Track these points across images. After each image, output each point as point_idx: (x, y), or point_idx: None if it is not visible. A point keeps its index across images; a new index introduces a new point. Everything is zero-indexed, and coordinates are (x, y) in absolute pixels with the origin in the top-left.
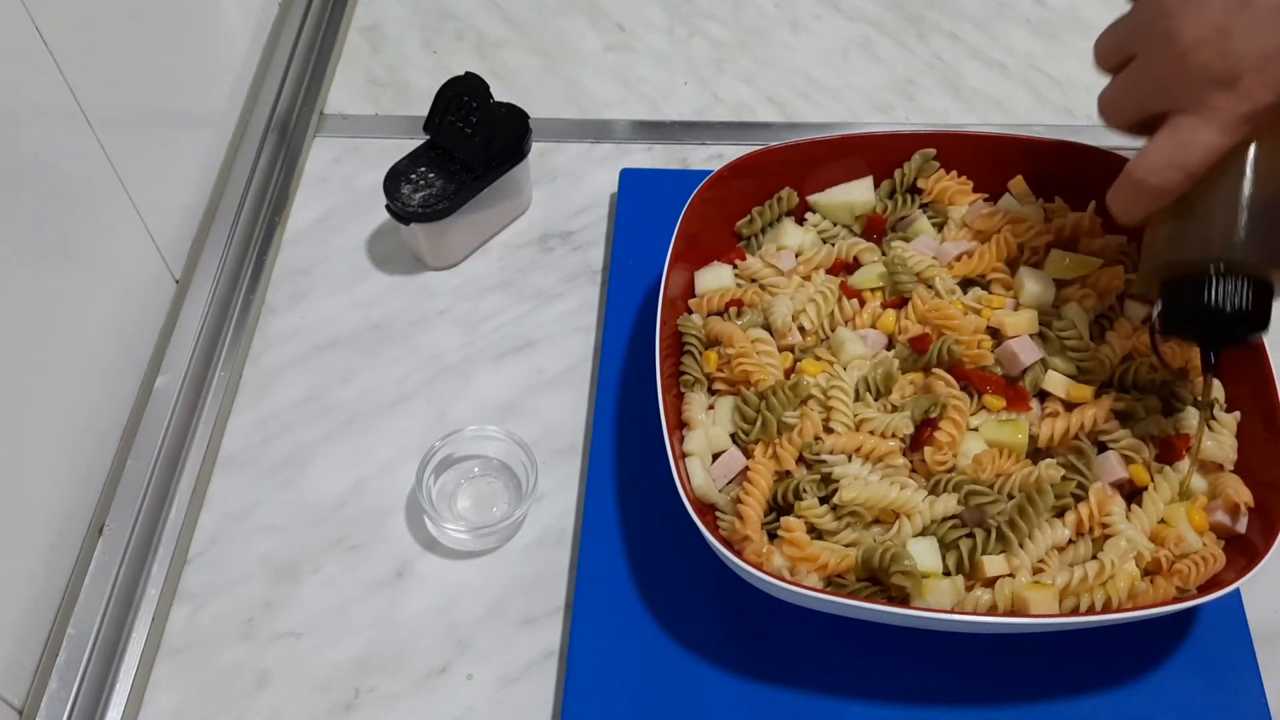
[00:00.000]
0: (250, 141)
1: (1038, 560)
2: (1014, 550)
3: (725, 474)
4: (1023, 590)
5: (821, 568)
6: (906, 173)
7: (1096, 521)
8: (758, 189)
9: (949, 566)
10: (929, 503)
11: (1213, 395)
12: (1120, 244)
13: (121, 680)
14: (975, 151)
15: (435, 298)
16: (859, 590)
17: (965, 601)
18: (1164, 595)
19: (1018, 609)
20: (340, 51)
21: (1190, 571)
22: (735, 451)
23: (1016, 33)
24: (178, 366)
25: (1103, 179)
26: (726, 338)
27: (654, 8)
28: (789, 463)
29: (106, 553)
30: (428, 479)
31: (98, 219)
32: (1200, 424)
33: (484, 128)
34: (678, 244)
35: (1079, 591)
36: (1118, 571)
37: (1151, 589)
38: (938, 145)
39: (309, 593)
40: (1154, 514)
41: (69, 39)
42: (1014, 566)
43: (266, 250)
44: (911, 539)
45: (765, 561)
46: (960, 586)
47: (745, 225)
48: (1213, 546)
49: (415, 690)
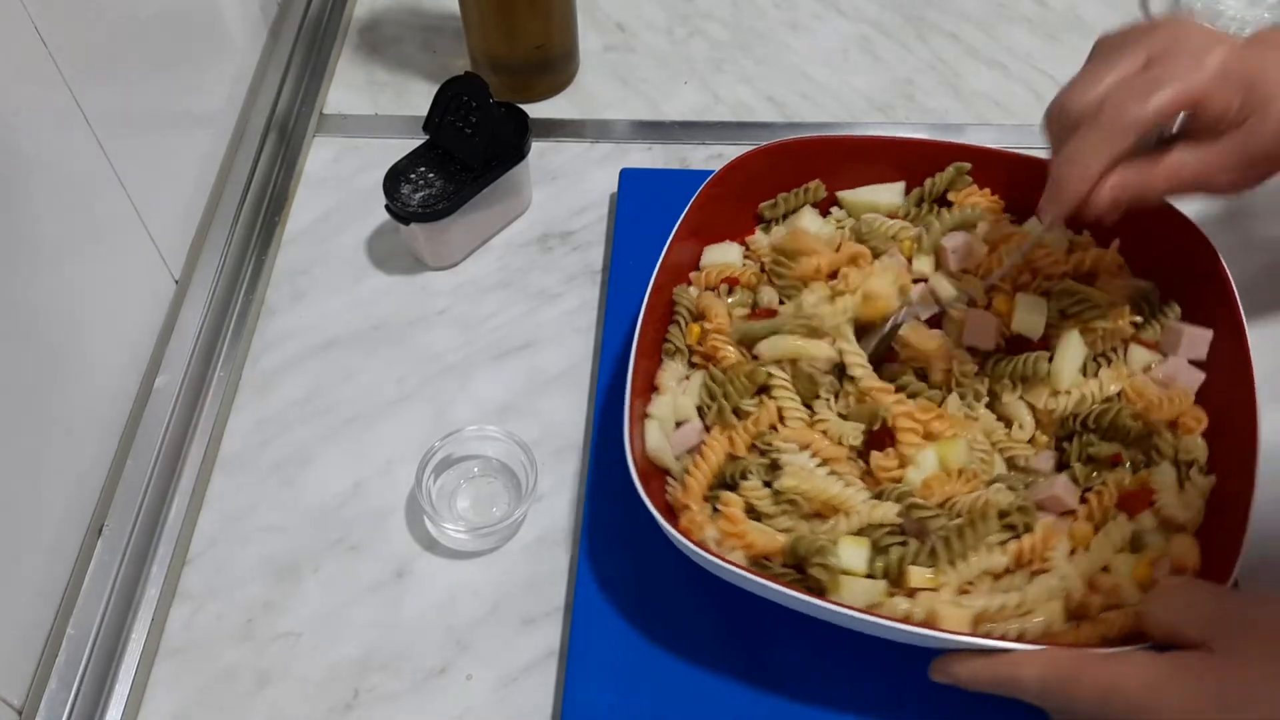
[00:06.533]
0: (250, 141)
1: (966, 581)
2: (943, 566)
3: (683, 443)
4: (939, 606)
5: (748, 546)
6: (937, 183)
7: (1038, 556)
8: (789, 175)
9: (876, 570)
10: (869, 505)
11: (1193, 455)
12: (1142, 290)
13: (121, 680)
14: (1014, 172)
15: (435, 298)
16: (779, 574)
17: (881, 605)
18: (1084, 639)
19: (929, 622)
20: (340, 51)
21: (1115, 622)
22: (697, 424)
23: (1016, 33)
24: (177, 366)
25: (1138, 224)
26: (710, 312)
27: (654, 8)
28: (740, 448)
29: (106, 553)
30: (427, 479)
31: (98, 219)
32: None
33: (484, 128)
34: (692, 214)
35: (995, 619)
36: (1039, 608)
37: (1074, 632)
38: (975, 160)
39: (309, 593)
40: (1098, 559)
41: (69, 39)
42: (940, 582)
43: (266, 250)
44: (845, 537)
45: (695, 529)
46: (881, 590)
47: (769, 208)
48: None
49: (415, 690)
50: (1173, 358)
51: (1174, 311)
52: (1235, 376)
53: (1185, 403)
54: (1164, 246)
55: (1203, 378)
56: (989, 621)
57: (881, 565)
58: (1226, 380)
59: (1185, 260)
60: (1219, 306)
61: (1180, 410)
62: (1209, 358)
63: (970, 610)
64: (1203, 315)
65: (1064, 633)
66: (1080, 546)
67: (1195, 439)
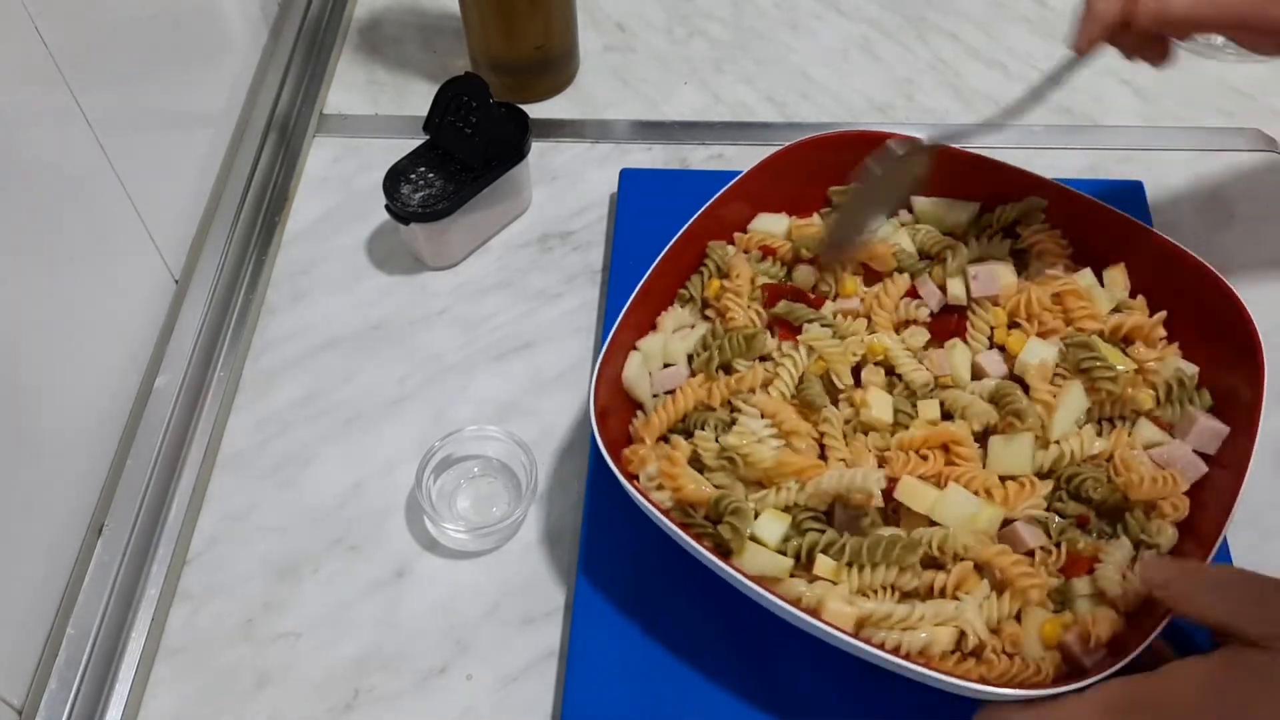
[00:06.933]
0: (250, 141)
1: (868, 585)
2: (842, 565)
3: (664, 384)
4: (830, 598)
5: (677, 489)
6: (1007, 212)
7: (949, 593)
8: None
9: (789, 549)
10: (800, 487)
11: (1158, 540)
12: (1182, 373)
13: (121, 680)
14: (1092, 219)
15: (435, 298)
16: (693, 524)
17: (780, 583)
18: (959, 671)
19: (814, 610)
20: (340, 51)
21: (996, 665)
22: (683, 370)
23: (1016, 33)
24: (177, 366)
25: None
26: (734, 272)
27: (654, 8)
28: (716, 400)
29: (106, 553)
30: (427, 479)
31: (98, 219)
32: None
33: (483, 128)
34: (753, 176)
35: (879, 624)
36: (924, 626)
37: (952, 661)
38: (1055, 198)
39: (309, 593)
40: (1010, 609)
41: (69, 39)
42: (841, 577)
43: (266, 250)
44: (770, 510)
45: (636, 463)
46: (784, 568)
47: (839, 193)
48: (1046, 661)
49: (415, 690)
50: (1180, 442)
51: (1203, 400)
52: (1229, 478)
53: (1171, 489)
54: (1212, 328)
55: (1204, 470)
56: (873, 626)
57: (795, 545)
58: (1223, 478)
59: (1228, 351)
60: (1241, 405)
61: (1163, 495)
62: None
63: (857, 611)
64: (1227, 408)
65: (942, 658)
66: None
67: (1165, 525)
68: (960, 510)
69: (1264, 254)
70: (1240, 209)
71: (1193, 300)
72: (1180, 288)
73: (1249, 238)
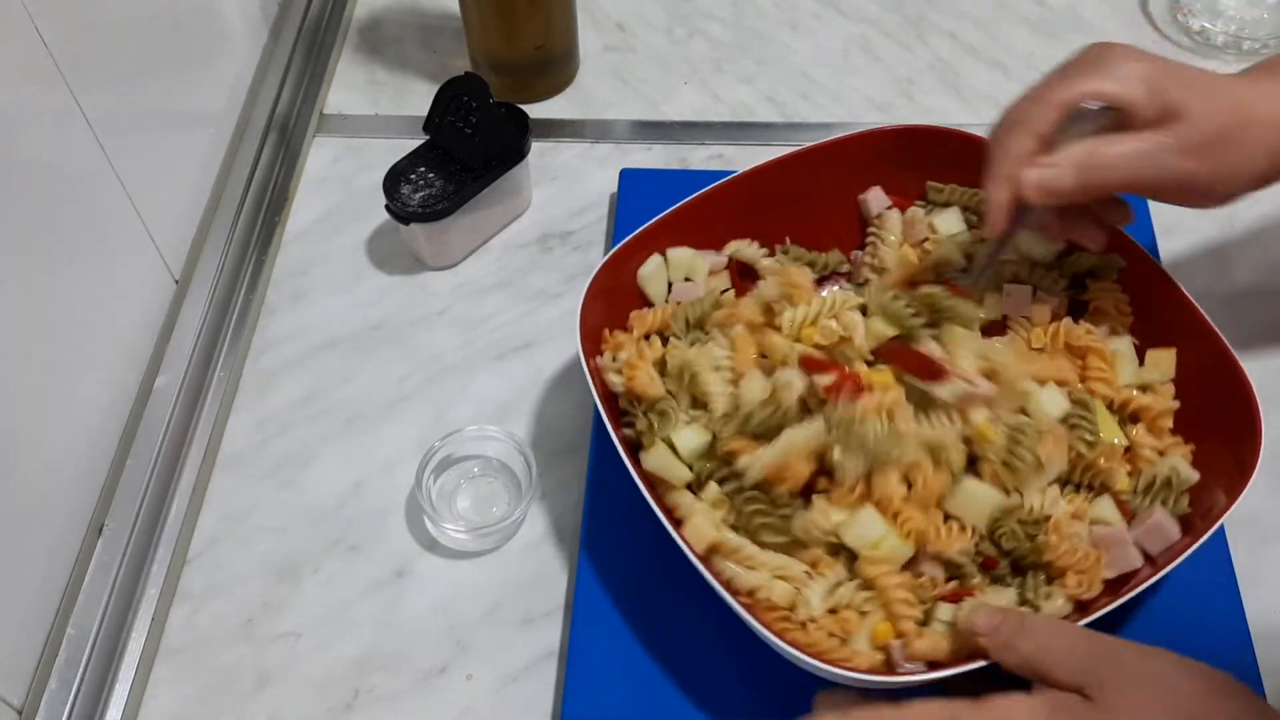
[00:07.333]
0: (250, 141)
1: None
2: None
3: (680, 294)
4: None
5: (630, 380)
6: (1084, 261)
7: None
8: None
9: (701, 470)
10: (756, 456)
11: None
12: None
13: (121, 680)
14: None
15: (435, 298)
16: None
17: (673, 489)
18: (772, 622)
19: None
20: (340, 51)
21: (812, 636)
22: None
23: (1016, 33)
24: (177, 366)
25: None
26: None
27: (654, 8)
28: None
29: (106, 553)
30: (427, 479)
31: (98, 219)
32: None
33: (484, 128)
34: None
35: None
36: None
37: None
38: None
39: (309, 593)
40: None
41: (69, 39)
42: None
43: (266, 250)
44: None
45: (614, 346)
46: (682, 479)
47: (936, 190)
48: (860, 656)
49: (415, 690)
50: (1126, 530)
51: (1179, 505)
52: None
53: (1090, 567)
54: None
55: (1138, 565)
56: (722, 556)
57: (704, 467)
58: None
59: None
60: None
61: (1080, 568)
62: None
63: (716, 536)
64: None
65: (769, 608)
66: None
67: (1060, 596)
68: (867, 532)
69: (1266, 256)
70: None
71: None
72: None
73: (1250, 239)
